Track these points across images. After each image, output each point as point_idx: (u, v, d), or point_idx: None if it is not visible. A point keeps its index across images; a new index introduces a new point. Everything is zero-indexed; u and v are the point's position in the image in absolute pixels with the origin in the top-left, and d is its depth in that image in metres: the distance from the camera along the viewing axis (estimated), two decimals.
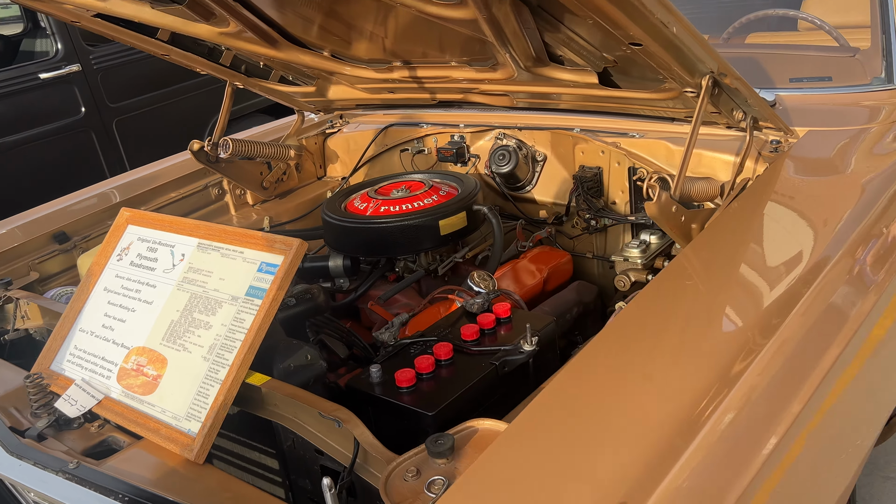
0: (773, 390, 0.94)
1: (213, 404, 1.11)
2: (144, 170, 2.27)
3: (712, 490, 0.81)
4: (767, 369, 0.95)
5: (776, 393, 0.94)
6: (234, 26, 1.72)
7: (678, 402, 0.88)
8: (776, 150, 1.59)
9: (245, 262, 1.23)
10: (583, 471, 0.82)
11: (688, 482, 0.79)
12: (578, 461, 0.83)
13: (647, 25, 1.11)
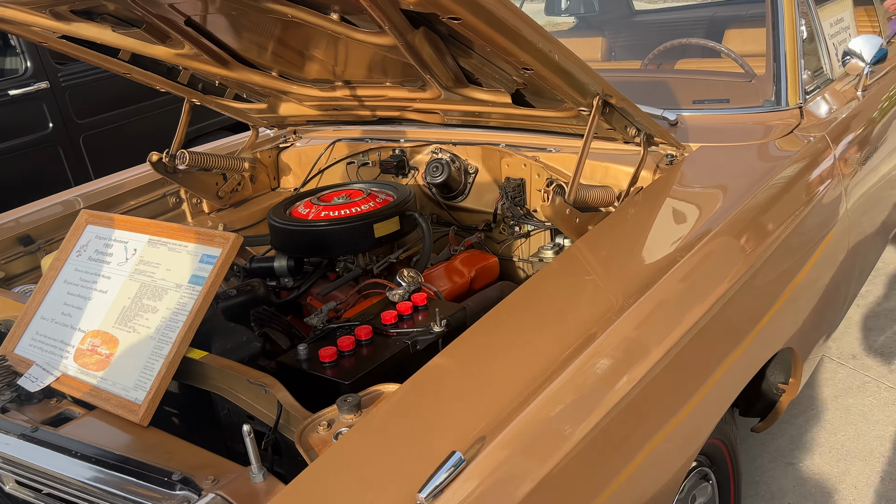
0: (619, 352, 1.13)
1: (158, 375, 1.27)
2: (106, 180, 2.43)
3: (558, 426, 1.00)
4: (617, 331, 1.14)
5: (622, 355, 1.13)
6: (189, 48, 1.89)
7: (535, 362, 1.07)
8: (671, 162, 1.80)
9: (189, 255, 1.40)
10: (451, 412, 1.00)
11: (538, 420, 0.98)
12: (449, 407, 1.01)
13: (534, 52, 1.31)
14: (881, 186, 2.31)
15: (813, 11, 2.28)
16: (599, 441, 1.05)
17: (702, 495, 1.66)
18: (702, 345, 1.27)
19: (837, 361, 2.73)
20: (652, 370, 1.14)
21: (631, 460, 1.12)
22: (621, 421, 1.09)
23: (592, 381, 1.08)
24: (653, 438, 1.16)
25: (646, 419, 1.15)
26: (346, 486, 0.93)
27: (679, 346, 1.21)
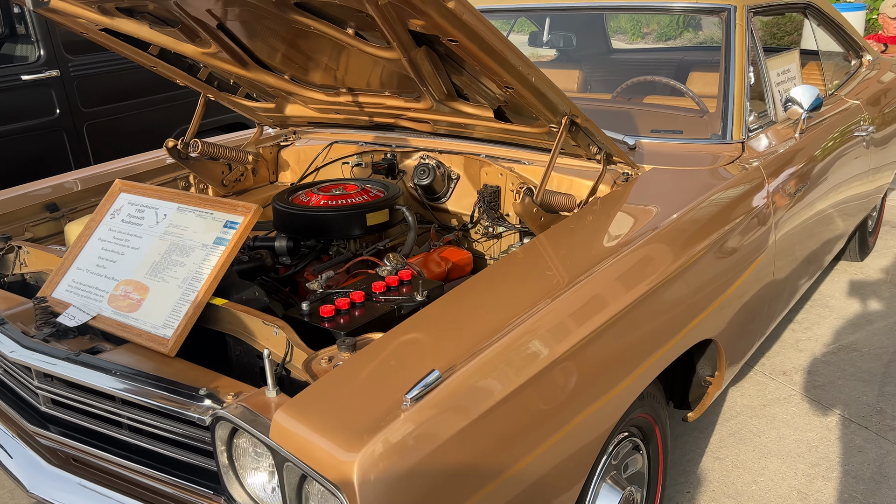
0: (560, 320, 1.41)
1: (185, 316, 1.52)
2: (123, 161, 2.67)
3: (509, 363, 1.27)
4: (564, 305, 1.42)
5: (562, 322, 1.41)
6: (214, 48, 2.16)
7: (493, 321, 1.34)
8: (626, 179, 2.09)
9: (214, 221, 1.66)
10: (428, 348, 1.27)
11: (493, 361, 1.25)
12: (427, 345, 1.28)
13: (515, 73, 1.59)
14: (813, 222, 2.62)
15: (762, 61, 2.60)
16: (544, 381, 1.32)
17: (633, 465, 1.94)
18: (630, 324, 1.55)
19: (769, 376, 3.04)
20: (585, 339, 1.41)
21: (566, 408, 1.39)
22: (560, 373, 1.36)
23: (540, 337, 1.36)
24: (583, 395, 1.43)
25: (580, 377, 1.42)
26: (345, 395, 1.19)
27: (611, 323, 1.48)
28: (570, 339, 1.39)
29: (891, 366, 3.07)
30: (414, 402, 1.13)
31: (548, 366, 1.32)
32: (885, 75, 3.64)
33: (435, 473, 1.13)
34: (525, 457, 1.29)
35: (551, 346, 1.35)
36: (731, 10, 2.56)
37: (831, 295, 3.75)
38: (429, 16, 1.41)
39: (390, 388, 1.17)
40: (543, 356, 1.33)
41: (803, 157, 2.52)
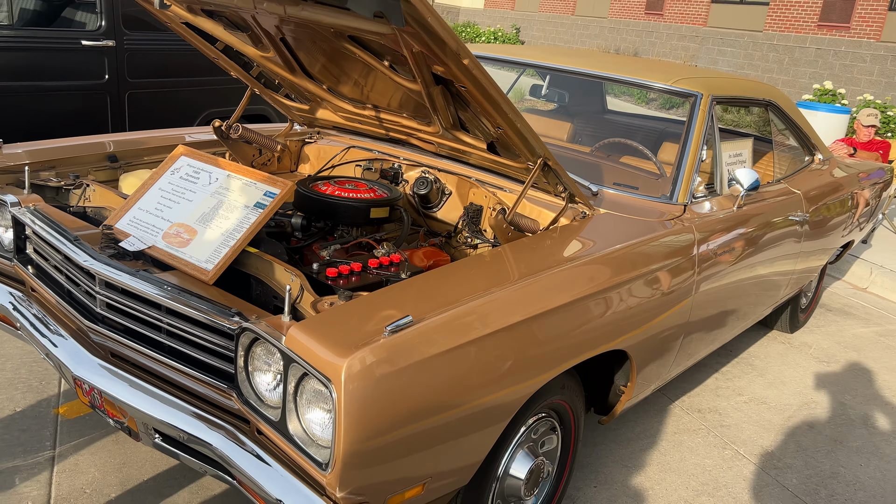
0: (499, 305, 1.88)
1: (224, 256, 1.98)
2: (175, 131, 3.14)
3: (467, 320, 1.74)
4: (509, 294, 1.90)
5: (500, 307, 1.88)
6: (272, 53, 2.64)
7: (454, 295, 1.82)
8: (583, 216, 2.58)
9: (257, 189, 2.12)
10: (404, 304, 1.74)
11: (450, 321, 1.72)
12: (403, 302, 1.75)
13: (505, 118, 2.08)
14: (736, 286, 3.11)
15: (717, 143, 3.12)
16: (486, 343, 1.78)
17: (549, 443, 2.40)
18: (558, 318, 2.01)
19: (685, 411, 3.52)
20: (520, 322, 1.87)
21: (499, 367, 1.85)
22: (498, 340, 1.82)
23: (487, 312, 1.83)
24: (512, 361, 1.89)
25: (510, 348, 1.88)
26: (342, 324, 1.65)
27: (541, 314, 1.95)
28: (508, 319, 1.85)
29: (790, 420, 3.57)
30: (391, 333, 1.59)
31: (489, 333, 1.79)
32: (831, 174, 4.18)
33: (400, 387, 1.59)
34: (462, 398, 1.75)
35: (494, 320, 1.82)
36: (697, 97, 3.08)
37: (757, 356, 4.26)
38: (449, 67, 1.90)
39: (375, 323, 1.64)
40: (487, 326, 1.79)
41: (736, 227, 3.01)
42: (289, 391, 1.66)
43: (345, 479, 1.56)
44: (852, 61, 13.83)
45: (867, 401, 3.88)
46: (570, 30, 21.03)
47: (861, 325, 4.98)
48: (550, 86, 4.18)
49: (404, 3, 1.65)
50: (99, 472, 2.60)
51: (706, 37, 16.78)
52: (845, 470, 3.21)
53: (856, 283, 5.91)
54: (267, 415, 1.74)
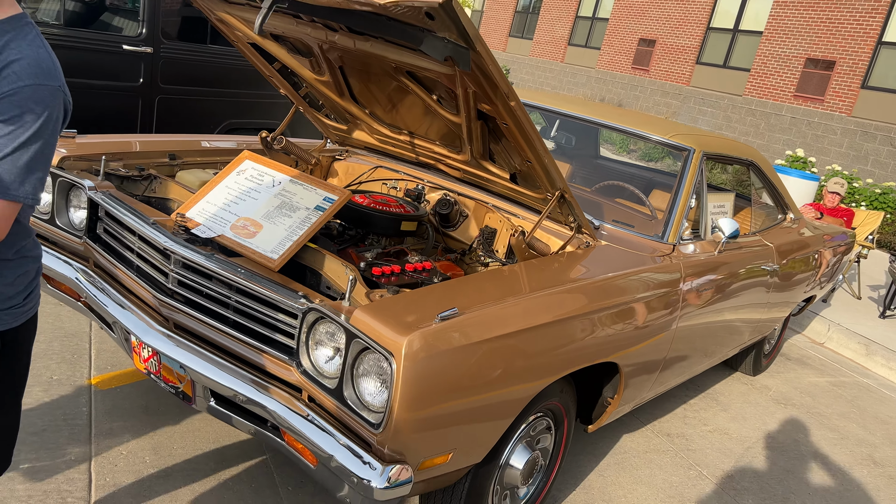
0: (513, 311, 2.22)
1: (289, 248, 2.30)
2: (226, 137, 3.45)
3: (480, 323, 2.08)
4: (523, 303, 2.24)
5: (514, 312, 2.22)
6: (327, 77, 2.98)
7: (479, 298, 2.15)
8: (587, 245, 2.94)
9: (317, 194, 2.45)
10: (445, 300, 2.07)
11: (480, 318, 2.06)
12: (444, 299, 2.08)
13: (536, 154, 2.44)
14: (711, 323, 3.49)
15: (704, 194, 3.52)
16: (508, 340, 2.11)
17: (544, 441, 2.73)
18: (561, 327, 2.34)
19: (656, 433, 3.87)
20: (531, 327, 2.20)
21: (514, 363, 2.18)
22: (515, 340, 2.16)
23: (506, 316, 2.16)
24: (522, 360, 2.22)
25: (522, 348, 2.21)
26: (400, 309, 1.97)
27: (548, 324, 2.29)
28: (528, 323, 2.19)
29: (749, 450, 3.93)
30: (441, 320, 1.92)
31: (513, 332, 2.12)
32: (800, 232, 4.62)
33: (446, 366, 1.92)
34: (489, 385, 2.08)
35: (515, 322, 2.15)
36: (690, 151, 3.48)
37: (722, 393, 4.63)
38: (496, 106, 2.26)
39: (428, 311, 1.97)
40: (511, 326, 2.13)
41: (716, 269, 3.40)
42: (347, 363, 1.97)
43: (394, 439, 1.88)
44: (824, 132, 14.58)
45: (817, 440, 4.26)
46: (559, 76, 21.73)
47: (816, 375, 5.40)
48: (559, 129, 4.57)
49: (473, 53, 2.01)
50: (132, 436, 2.86)
51: (688, 95, 17.51)
52: (795, 496, 3.57)
53: (814, 337, 6.36)
54: (324, 383, 2.05)
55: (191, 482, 2.68)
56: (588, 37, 21.07)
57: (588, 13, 21.06)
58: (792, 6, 15.29)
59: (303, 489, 2.77)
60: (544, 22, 22.74)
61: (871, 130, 13.75)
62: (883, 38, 13.73)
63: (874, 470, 4.05)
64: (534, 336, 2.22)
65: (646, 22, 18.85)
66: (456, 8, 1.84)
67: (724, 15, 16.99)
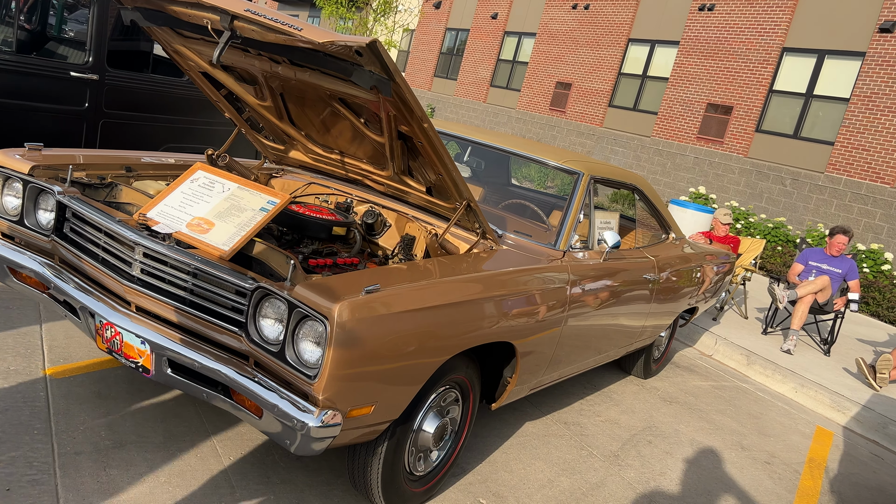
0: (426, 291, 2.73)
1: (238, 240, 2.74)
2: (173, 154, 3.87)
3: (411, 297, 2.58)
4: (431, 286, 2.75)
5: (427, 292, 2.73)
6: (269, 102, 3.46)
7: (400, 279, 2.66)
8: (491, 248, 3.48)
9: (262, 198, 2.91)
10: (372, 279, 2.56)
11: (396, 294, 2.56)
12: (371, 278, 2.58)
13: (446, 168, 2.97)
14: (597, 322, 4.07)
15: (592, 212, 4.13)
16: (418, 315, 2.61)
17: (453, 412, 3.22)
18: (462, 309, 2.86)
19: (554, 422, 4.41)
20: (437, 306, 2.71)
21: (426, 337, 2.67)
22: (424, 315, 2.66)
23: (416, 294, 2.66)
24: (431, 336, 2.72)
25: (432, 322, 2.72)
26: (330, 286, 2.45)
27: (453, 304, 2.80)
28: (437, 301, 2.70)
29: (635, 436, 4.51)
30: (366, 293, 2.41)
31: (425, 307, 2.62)
32: (681, 249, 5.30)
33: (370, 330, 2.39)
34: (404, 350, 2.57)
35: (428, 300, 2.65)
36: (580, 175, 4.09)
37: (615, 391, 5.23)
38: (413, 127, 2.79)
39: (355, 287, 2.45)
40: (424, 302, 2.63)
41: (601, 275, 3.99)
42: (289, 330, 2.43)
43: (327, 387, 2.34)
44: (724, 171, 15.79)
45: (695, 430, 4.89)
46: (482, 115, 22.65)
47: (701, 380, 6.08)
48: (471, 155, 5.15)
49: (393, 83, 2.53)
50: (88, 416, 3.21)
51: (602, 136, 18.62)
52: (671, 472, 4.15)
53: (703, 349, 7.08)
54: (268, 348, 2.50)
55: (143, 452, 3.05)
56: (509, 79, 22.10)
57: (509, 56, 22.12)
58: (694, 56, 16.58)
59: (244, 460, 3.17)
60: (468, 64, 23.72)
61: (765, 170, 15.00)
62: (774, 86, 15.08)
63: (741, 453, 4.69)
64: (441, 313, 2.72)
65: (562, 66, 19.97)
66: (380, 47, 2.36)
67: (633, 62, 18.24)
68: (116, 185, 3.23)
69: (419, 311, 2.60)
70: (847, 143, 13.63)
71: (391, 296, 2.52)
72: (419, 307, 2.61)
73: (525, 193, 5.32)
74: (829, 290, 7.46)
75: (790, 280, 7.80)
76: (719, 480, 4.20)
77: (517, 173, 14.58)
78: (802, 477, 4.56)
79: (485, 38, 23.08)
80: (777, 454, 4.83)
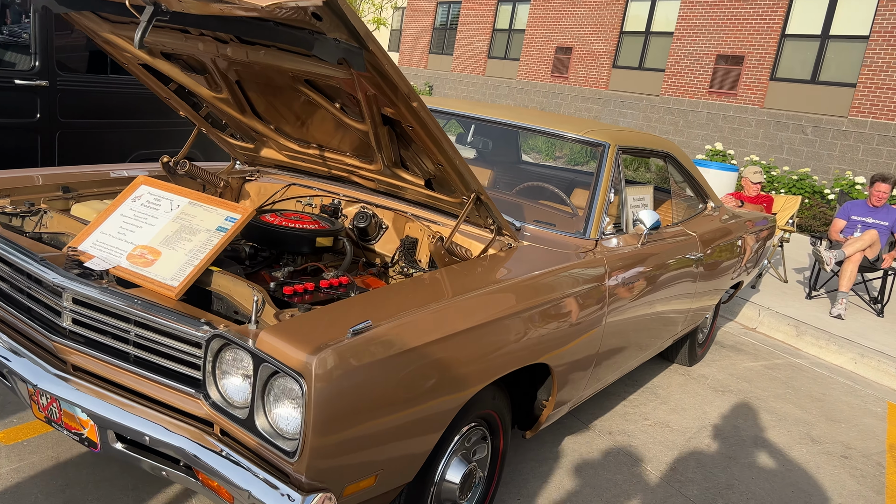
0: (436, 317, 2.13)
1: (189, 274, 2.16)
2: (123, 165, 3.27)
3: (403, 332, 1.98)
4: (443, 309, 2.15)
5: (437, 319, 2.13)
6: (225, 94, 2.85)
7: (397, 307, 2.06)
8: (509, 247, 2.88)
9: (218, 215, 2.31)
10: (358, 314, 1.97)
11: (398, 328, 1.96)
12: (360, 312, 1.98)
13: (446, 156, 2.36)
14: (640, 316, 3.46)
15: (623, 188, 3.50)
16: (428, 349, 2.02)
17: (481, 451, 2.64)
18: (485, 332, 2.26)
19: (597, 433, 3.82)
20: (454, 333, 2.11)
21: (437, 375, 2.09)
22: (436, 348, 2.07)
23: (425, 324, 2.07)
24: (448, 368, 2.13)
25: (447, 355, 2.13)
26: (310, 327, 1.85)
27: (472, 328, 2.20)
28: (450, 329, 2.10)
29: (690, 441, 3.92)
30: (354, 335, 1.81)
31: (434, 340, 2.03)
32: (721, 220, 4.67)
33: (363, 383, 1.80)
34: (412, 398, 1.98)
35: (437, 330, 2.06)
36: (606, 146, 3.47)
37: (660, 386, 4.63)
38: (399, 108, 2.18)
39: (337, 328, 1.85)
40: (432, 334, 2.03)
41: (640, 261, 3.38)
42: (257, 390, 1.84)
43: (311, 467, 1.75)
44: (739, 125, 15.03)
45: (756, 424, 4.29)
46: (481, 89, 21.90)
47: (751, 360, 5.47)
48: (475, 134, 4.52)
49: (366, 52, 1.92)
50: (42, 494, 2.65)
51: (608, 99, 17.85)
52: (739, 482, 3.56)
53: (746, 323, 6.46)
54: (235, 414, 1.91)
55: None
56: (506, 48, 21.31)
57: (504, 25, 21.32)
58: (699, 6, 15.77)
59: None
60: (462, 37, 22.92)
61: (783, 120, 14.24)
62: (786, 30, 14.27)
63: (813, 448, 4.09)
64: (456, 343, 2.13)
65: (561, 30, 19.17)
66: (342, 6, 1.75)
67: (635, 19, 17.42)
68: (46, 212, 2.64)
69: (428, 346, 2.01)
70: (870, 83, 12.85)
71: (389, 331, 1.93)
72: (427, 341, 2.01)
73: (542, 172, 4.70)
74: (878, 245, 6.80)
75: (832, 238, 7.15)
76: (794, 486, 3.61)
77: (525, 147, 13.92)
78: (888, 471, 3.96)
79: (478, 7, 22.27)
80: (853, 444, 4.23)
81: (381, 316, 1.99)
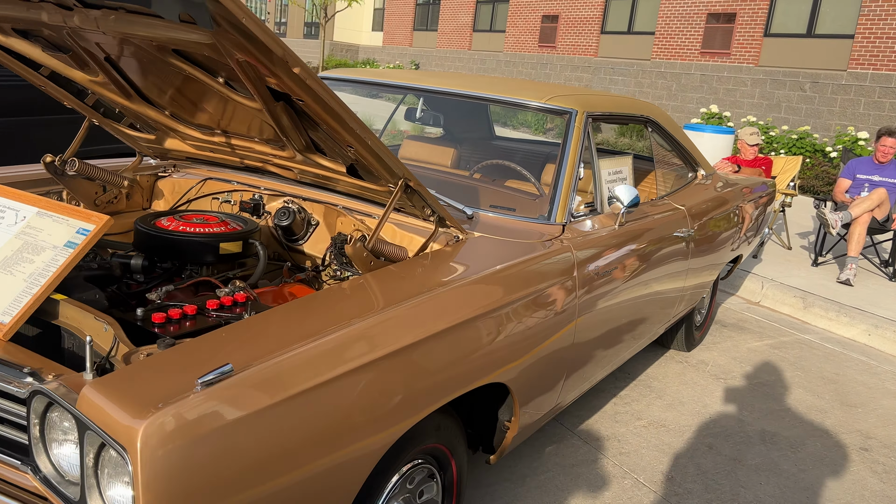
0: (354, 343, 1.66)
1: (24, 307, 1.68)
2: (3, 169, 2.79)
3: None
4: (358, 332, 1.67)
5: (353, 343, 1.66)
6: (101, 77, 2.36)
7: (298, 334, 1.58)
8: (456, 240, 2.40)
9: (69, 226, 1.84)
10: (228, 350, 1.49)
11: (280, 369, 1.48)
12: (228, 348, 1.50)
13: (353, 135, 1.88)
14: (622, 304, 2.98)
15: (595, 162, 3.01)
16: (330, 389, 1.55)
17: (428, 491, 2.17)
18: (420, 354, 1.80)
19: (583, 440, 3.36)
20: (356, 368, 1.64)
21: (348, 419, 1.62)
22: (346, 386, 1.60)
23: (332, 353, 1.60)
24: (364, 410, 1.67)
25: (361, 394, 1.66)
26: (148, 378, 1.38)
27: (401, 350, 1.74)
28: (360, 359, 1.63)
29: (689, 442, 3.46)
30: (205, 386, 1.34)
31: (333, 378, 1.56)
32: (714, 189, 4.18)
33: (216, 452, 1.34)
34: (300, 458, 1.51)
35: (341, 360, 1.59)
36: (572, 114, 2.97)
37: (655, 377, 4.16)
38: (279, 77, 1.69)
39: (188, 375, 1.38)
40: (331, 368, 1.56)
41: (618, 245, 2.90)
42: (87, 464, 1.38)
43: None
44: (735, 86, 14.46)
45: (763, 416, 3.82)
46: (468, 64, 21.29)
47: (755, 339, 5.00)
48: (428, 108, 4.02)
49: (211, 3, 1.43)
50: None
51: (598, 67, 17.26)
52: (745, 490, 3.11)
53: (748, 297, 5.98)
54: (66, 493, 1.45)
55: None
56: (492, 21, 20.68)
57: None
58: None
59: None
60: (446, 11, 22.28)
61: (780, 77, 13.67)
62: None
63: (827, 441, 3.63)
64: (369, 374, 1.66)
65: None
66: None
67: None
68: None
69: (323, 387, 1.54)
70: (869, 33, 12.26)
71: (263, 373, 1.45)
72: (323, 379, 1.54)
73: (514, 147, 4.20)
74: (887, 204, 6.31)
75: (837, 199, 6.65)
76: (808, 491, 3.15)
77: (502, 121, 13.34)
78: None
79: None
80: (872, 433, 3.77)
81: (264, 350, 1.51)
